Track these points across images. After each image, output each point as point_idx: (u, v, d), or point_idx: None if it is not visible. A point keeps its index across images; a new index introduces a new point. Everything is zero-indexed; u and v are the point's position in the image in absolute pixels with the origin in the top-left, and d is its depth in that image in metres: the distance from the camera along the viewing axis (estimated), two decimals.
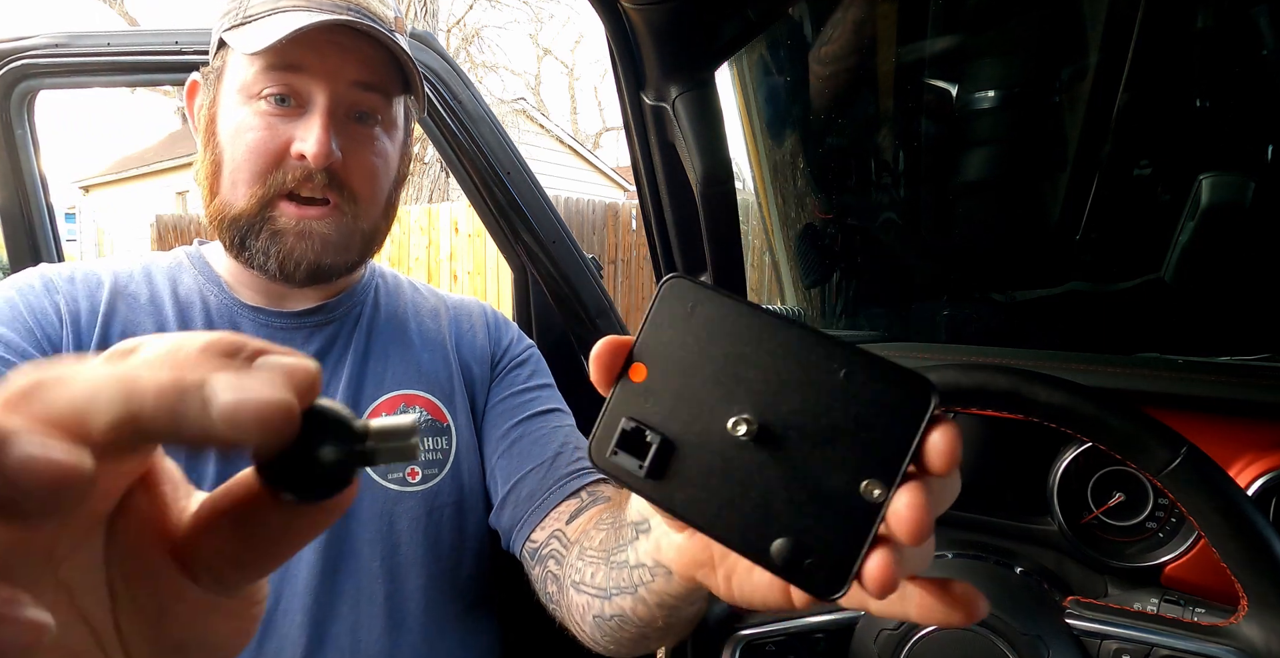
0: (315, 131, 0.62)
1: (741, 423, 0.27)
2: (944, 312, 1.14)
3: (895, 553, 0.26)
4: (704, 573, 0.38)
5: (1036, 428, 0.55)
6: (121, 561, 0.21)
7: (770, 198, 1.22)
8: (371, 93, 0.65)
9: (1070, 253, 1.02)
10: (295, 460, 0.19)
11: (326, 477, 0.20)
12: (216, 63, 0.67)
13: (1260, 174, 0.88)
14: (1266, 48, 0.82)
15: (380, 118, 0.67)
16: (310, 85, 0.63)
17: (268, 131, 0.63)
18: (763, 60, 1.08)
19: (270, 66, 0.62)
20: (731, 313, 0.28)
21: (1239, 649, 0.49)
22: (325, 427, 0.19)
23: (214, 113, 0.66)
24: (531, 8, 12.66)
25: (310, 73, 0.62)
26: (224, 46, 0.66)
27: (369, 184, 0.67)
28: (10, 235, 1.08)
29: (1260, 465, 0.60)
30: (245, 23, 0.63)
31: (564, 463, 0.70)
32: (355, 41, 0.63)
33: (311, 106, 0.63)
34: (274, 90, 0.63)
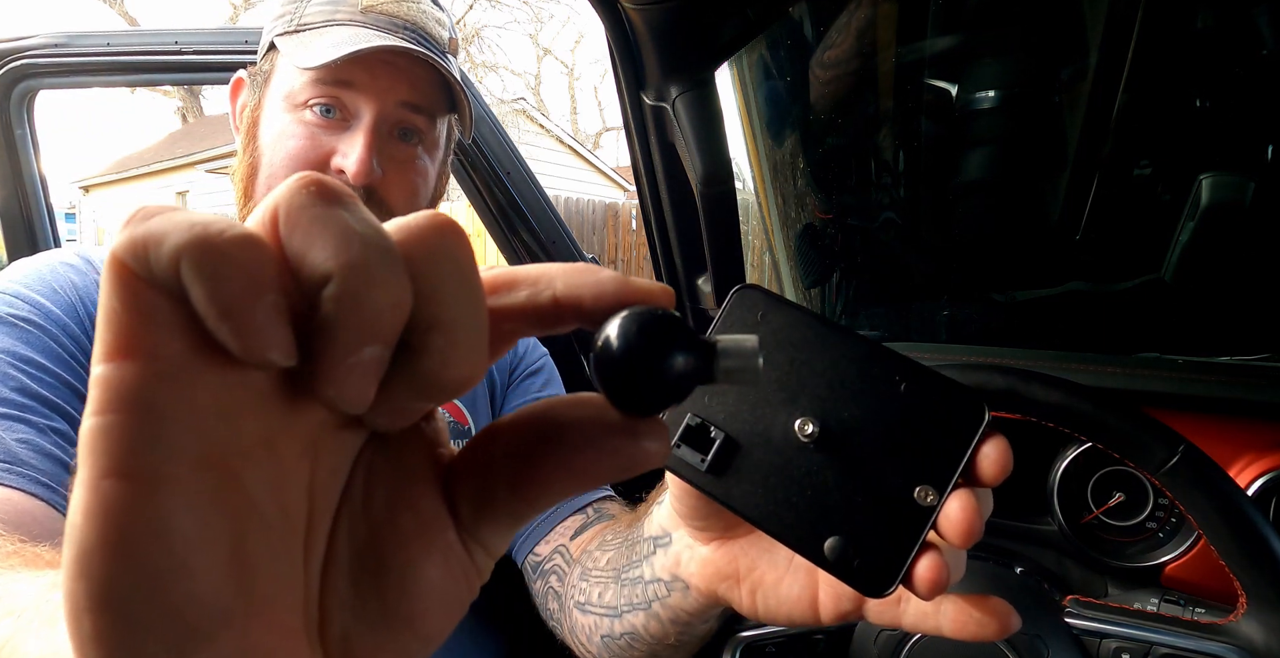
0: (358, 149, 0.61)
1: (808, 424, 0.29)
2: (944, 312, 1.14)
3: (943, 557, 0.27)
4: (727, 586, 0.38)
5: (1036, 428, 0.55)
6: (379, 471, 0.19)
7: (770, 198, 1.22)
8: (418, 114, 0.65)
9: (1070, 253, 1.02)
10: (642, 367, 0.17)
11: (671, 387, 0.18)
12: (265, 65, 0.66)
13: (1260, 174, 0.88)
14: (1266, 48, 0.82)
15: (423, 137, 0.66)
16: (358, 101, 0.62)
17: (309, 141, 0.62)
18: (763, 60, 1.08)
19: (320, 79, 0.62)
20: (799, 322, 0.30)
21: (1238, 648, 0.49)
22: (674, 334, 0.18)
23: (257, 115, 0.66)
24: (531, 8, 12.67)
25: (360, 89, 0.62)
26: (274, 49, 0.65)
27: (407, 204, 0.66)
28: (10, 235, 1.09)
29: (1260, 465, 0.60)
30: (299, 30, 0.63)
31: None
32: (409, 63, 0.63)
33: (357, 122, 0.63)
34: (321, 102, 0.62)
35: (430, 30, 0.65)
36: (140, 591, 0.14)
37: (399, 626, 0.18)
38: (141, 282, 0.14)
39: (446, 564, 0.19)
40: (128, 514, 0.14)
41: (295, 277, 0.15)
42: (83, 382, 0.55)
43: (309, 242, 0.15)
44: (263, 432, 0.16)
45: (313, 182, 0.16)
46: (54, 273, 0.60)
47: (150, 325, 0.14)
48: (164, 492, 0.14)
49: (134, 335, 0.14)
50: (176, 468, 0.14)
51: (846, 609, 0.35)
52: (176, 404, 0.14)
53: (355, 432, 0.19)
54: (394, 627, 0.18)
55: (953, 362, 0.60)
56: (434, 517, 0.19)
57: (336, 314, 0.15)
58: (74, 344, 0.56)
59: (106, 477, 0.14)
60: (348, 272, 0.15)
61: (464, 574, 0.19)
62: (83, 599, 0.14)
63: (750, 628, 0.62)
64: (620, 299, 0.19)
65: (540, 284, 0.19)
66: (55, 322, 0.56)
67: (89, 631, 0.14)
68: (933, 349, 0.83)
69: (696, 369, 0.18)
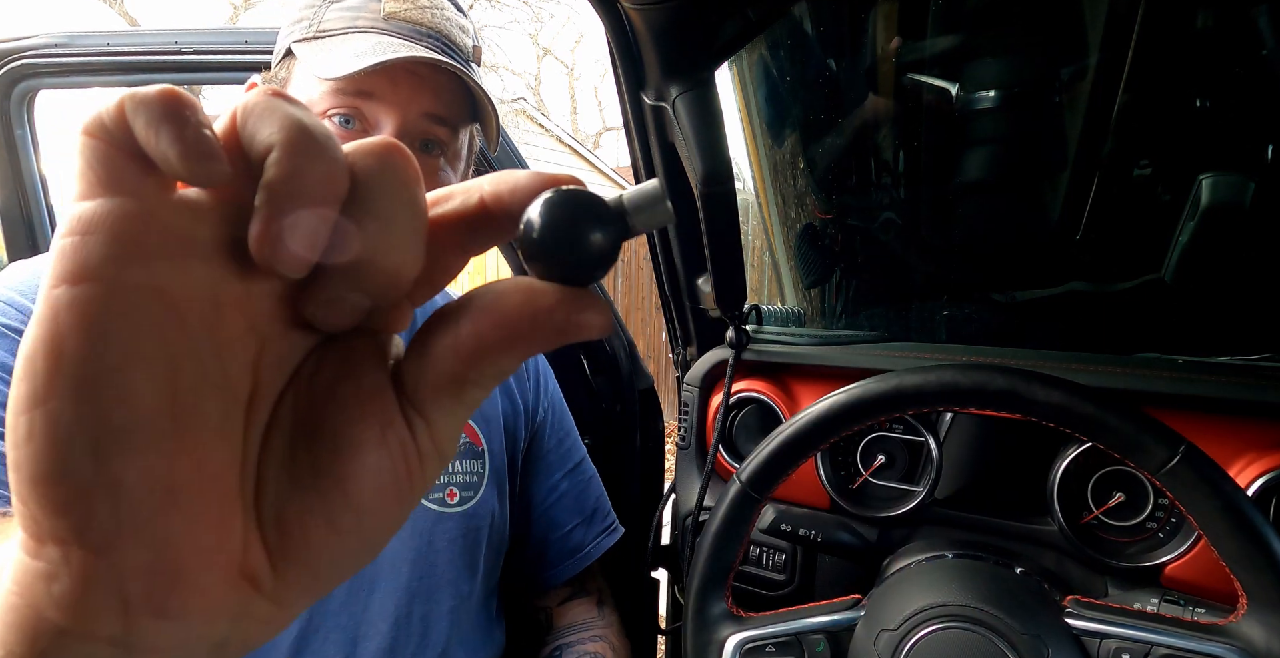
0: None
1: None
2: (944, 312, 1.14)
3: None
4: None
5: (1036, 428, 0.55)
6: (328, 359, 0.20)
7: (770, 198, 1.22)
8: (441, 126, 0.63)
9: (1070, 253, 1.02)
10: (569, 247, 0.19)
11: (595, 254, 0.19)
12: (281, 72, 0.64)
13: (1260, 174, 0.88)
14: (1266, 48, 0.82)
15: (445, 149, 0.65)
16: (379, 113, 0.61)
17: None
18: (763, 60, 1.07)
19: (340, 89, 0.60)
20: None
21: (1238, 648, 0.49)
22: (587, 205, 0.19)
23: None
24: (531, 8, 12.66)
25: (381, 100, 0.60)
26: (290, 56, 0.63)
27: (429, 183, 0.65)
28: (10, 235, 1.09)
29: (1260, 466, 0.60)
30: (318, 37, 0.61)
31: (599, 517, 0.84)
32: (432, 73, 0.61)
33: (378, 133, 0.61)
34: (341, 112, 0.60)
35: (455, 38, 0.64)
36: (74, 389, 0.16)
37: (329, 487, 0.19)
38: (97, 139, 0.16)
39: (383, 434, 0.19)
40: (69, 313, 0.16)
41: (247, 161, 0.17)
42: None
43: (260, 124, 0.17)
44: (209, 285, 0.18)
45: (272, 89, 0.18)
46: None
47: (110, 170, 0.16)
48: (108, 301, 0.16)
49: (97, 180, 0.16)
50: (123, 282, 0.16)
51: None
52: (129, 232, 0.16)
53: (304, 332, 0.20)
54: (323, 489, 0.19)
55: (952, 362, 0.60)
56: (374, 388, 0.20)
57: (274, 177, 0.17)
58: None
59: (57, 285, 0.16)
60: (288, 140, 0.17)
61: (402, 450, 0.20)
62: (22, 401, 0.16)
63: (750, 627, 0.62)
64: (535, 188, 0.20)
65: (470, 191, 0.21)
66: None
67: (23, 430, 0.16)
68: (933, 349, 0.83)
69: (614, 231, 0.20)
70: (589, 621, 0.79)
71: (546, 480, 0.81)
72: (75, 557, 0.16)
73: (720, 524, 0.64)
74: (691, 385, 0.90)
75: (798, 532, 0.75)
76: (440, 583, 0.68)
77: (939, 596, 0.57)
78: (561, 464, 0.83)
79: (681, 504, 0.90)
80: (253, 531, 0.19)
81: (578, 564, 0.81)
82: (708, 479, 0.85)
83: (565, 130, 10.86)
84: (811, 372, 0.84)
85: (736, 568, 0.65)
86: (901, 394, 0.58)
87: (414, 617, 0.65)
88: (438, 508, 0.69)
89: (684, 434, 0.91)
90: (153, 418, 0.16)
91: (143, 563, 0.17)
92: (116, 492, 0.16)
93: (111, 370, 0.16)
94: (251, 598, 0.19)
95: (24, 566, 0.17)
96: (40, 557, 0.17)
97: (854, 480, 0.79)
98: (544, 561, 0.80)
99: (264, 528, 0.19)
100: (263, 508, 0.19)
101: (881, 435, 0.78)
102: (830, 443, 0.62)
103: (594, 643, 0.76)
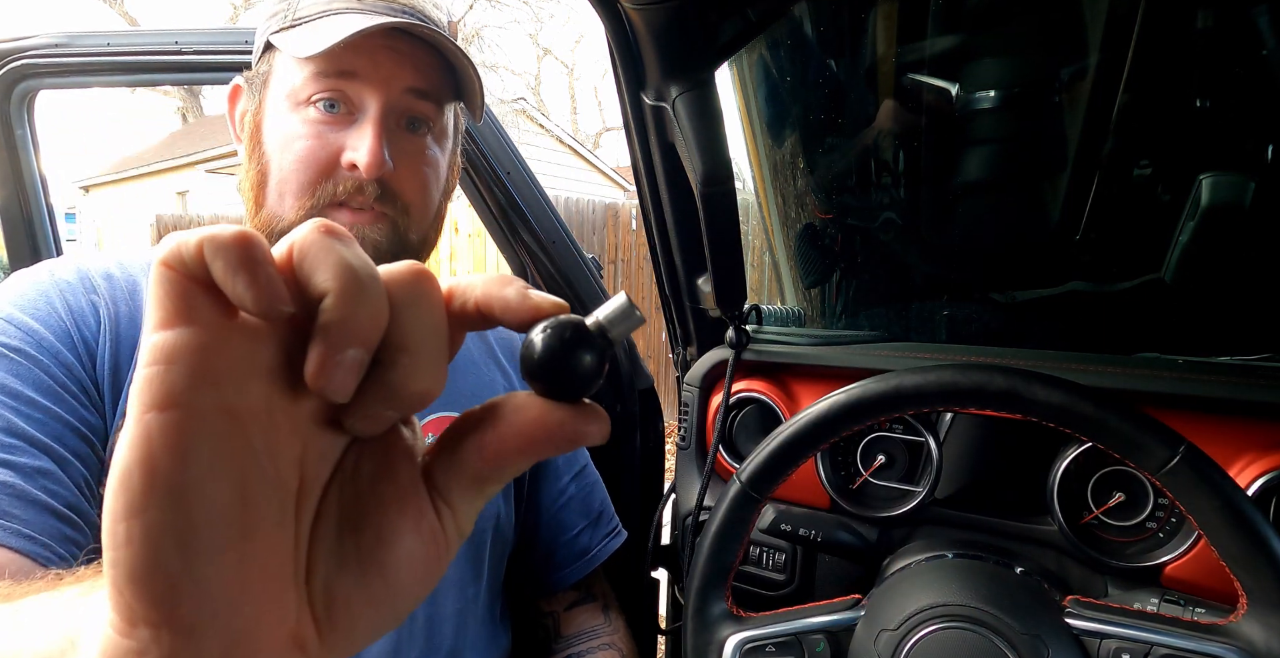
0: (368, 141, 0.59)
1: None
2: (944, 312, 1.14)
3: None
4: None
5: (1036, 428, 0.55)
6: (366, 457, 0.24)
7: (770, 198, 1.22)
8: (425, 101, 0.63)
9: (1070, 253, 1.02)
10: (567, 373, 0.23)
11: (586, 375, 0.24)
12: (262, 67, 0.64)
13: (1260, 174, 0.88)
14: (1266, 48, 0.82)
15: (432, 126, 0.65)
16: (363, 92, 0.60)
17: (317, 141, 0.60)
18: (763, 60, 1.08)
19: (321, 73, 0.60)
20: None
21: (1238, 648, 0.49)
22: (576, 336, 0.23)
23: (259, 120, 0.63)
24: (531, 8, 12.66)
25: (363, 79, 0.60)
26: (270, 50, 0.63)
27: (420, 195, 0.64)
28: (10, 235, 1.08)
29: (1260, 466, 0.60)
30: (295, 25, 0.61)
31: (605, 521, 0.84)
32: (410, 46, 0.61)
33: (363, 114, 0.61)
34: (324, 96, 0.60)
35: (429, 13, 0.64)
36: (166, 501, 0.19)
37: (371, 570, 0.23)
38: (176, 272, 0.19)
39: (418, 524, 0.23)
40: (160, 437, 0.19)
41: (302, 295, 0.21)
42: (73, 413, 0.52)
43: (315, 266, 0.20)
44: (265, 401, 0.21)
45: (324, 225, 0.21)
46: (48, 292, 0.57)
47: (187, 302, 0.19)
48: (190, 424, 0.19)
49: (175, 311, 0.19)
50: (201, 407, 0.19)
51: None
52: (205, 361, 0.19)
53: (340, 434, 0.23)
54: (368, 573, 0.23)
55: (952, 362, 0.60)
56: (410, 485, 0.24)
57: (330, 320, 0.20)
58: (65, 373, 0.53)
59: (147, 411, 0.19)
60: (342, 289, 0.20)
61: (433, 536, 0.24)
62: (120, 510, 0.19)
63: (750, 627, 0.62)
64: (521, 307, 0.24)
65: (467, 295, 0.24)
66: (48, 349, 0.54)
67: (123, 535, 0.19)
68: (933, 349, 0.83)
69: (598, 353, 0.24)
70: (596, 627, 0.79)
71: (555, 484, 0.81)
72: (165, 638, 0.20)
73: (720, 524, 0.64)
74: (691, 385, 0.90)
75: (798, 532, 0.75)
76: (445, 586, 0.67)
77: (939, 596, 0.57)
78: (569, 467, 0.83)
79: (681, 504, 0.90)
80: (304, 607, 0.22)
81: (585, 567, 0.80)
82: (708, 479, 0.85)
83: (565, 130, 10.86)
84: (811, 372, 0.84)
85: (736, 568, 0.65)
86: (901, 394, 0.58)
87: (418, 620, 0.65)
88: None
89: (684, 434, 0.91)
90: (228, 520, 0.20)
91: (221, 644, 0.20)
92: (201, 584, 0.19)
93: (196, 483, 0.19)
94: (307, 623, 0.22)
95: (116, 643, 0.20)
96: (132, 637, 0.20)
97: (854, 480, 0.79)
98: (552, 563, 0.80)
99: (314, 605, 0.23)
100: (313, 588, 0.23)
101: (881, 435, 0.78)
102: (830, 443, 0.62)
103: (604, 652, 0.76)
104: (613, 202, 5.95)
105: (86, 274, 0.60)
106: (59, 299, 0.57)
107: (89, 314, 0.57)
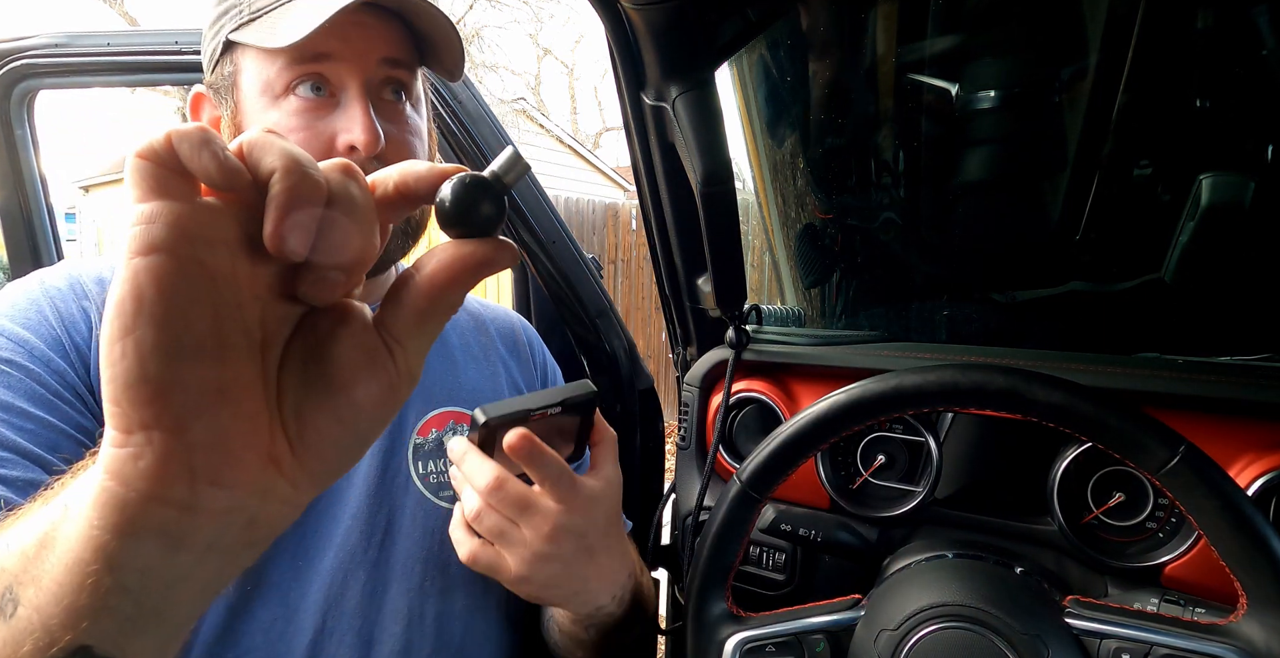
0: (359, 119, 0.59)
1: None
2: (944, 312, 1.14)
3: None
4: None
5: (1036, 428, 0.55)
6: (321, 315, 0.29)
7: (770, 198, 1.22)
8: (399, 69, 0.63)
9: (1070, 253, 1.02)
10: (468, 214, 0.29)
11: (491, 219, 0.29)
12: (227, 68, 0.63)
13: (1260, 174, 0.88)
14: (1266, 48, 0.82)
15: (409, 92, 0.65)
16: (340, 71, 0.60)
17: (309, 131, 0.60)
18: (763, 60, 1.08)
19: (295, 60, 0.59)
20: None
21: (1238, 648, 0.49)
22: (474, 185, 0.29)
23: (239, 122, 0.62)
24: (531, 8, 12.65)
25: (338, 58, 0.60)
26: (231, 49, 0.62)
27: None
28: (10, 235, 1.09)
29: (1260, 466, 0.60)
30: (254, 18, 0.60)
31: None
32: (376, 18, 0.61)
33: (345, 94, 0.60)
34: (306, 80, 0.60)
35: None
36: (152, 321, 0.24)
37: (335, 391, 0.28)
38: (148, 160, 0.24)
39: (372, 359, 0.29)
40: (145, 273, 0.24)
41: (255, 177, 0.26)
42: (68, 420, 0.52)
43: (263, 153, 0.26)
44: (231, 264, 0.26)
45: (266, 128, 0.27)
46: (38, 300, 0.57)
47: (161, 181, 0.24)
48: (170, 264, 0.24)
49: (153, 187, 0.24)
50: (179, 253, 0.24)
51: None
52: (180, 221, 0.24)
53: (296, 304, 0.29)
54: (331, 393, 0.28)
55: (952, 362, 0.60)
56: (363, 329, 0.29)
57: (279, 190, 0.25)
58: (58, 380, 0.53)
59: (134, 257, 0.24)
60: (286, 166, 0.25)
61: (385, 368, 0.29)
62: (114, 332, 0.24)
63: (751, 627, 0.62)
64: (429, 174, 0.29)
65: (388, 180, 0.30)
66: (39, 357, 0.54)
67: (118, 352, 0.24)
68: (933, 349, 0.83)
69: (495, 197, 0.29)
70: None
71: None
72: (156, 438, 0.24)
73: (720, 524, 0.64)
74: (691, 385, 0.90)
75: (798, 532, 0.75)
76: (454, 583, 0.67)
77: (939, 596, 0.57)
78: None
79: (681, 504, 0.90)
80: (277, 425, 0.28)
81: None
82: (708, 479, 0.84)
83: (565, 130, 10.86)
84: (811, 372, 0.84)
85: (736, 568, 0.65)
86: (901, 394, 0.58)
87: (427, 617, 0.65)
88: (449, 506, 0.68)
89: (684, 434, 0.91)
90: (204, 341, 0.25)
91: (204, 441, 0.25)
92: (184, 388, 0.24)
93: (177, 309, 0.24)
94: (276, 478, 0.28)
95: (114, 455, 0.25)
96: (129, 444, 0.25)
97: (854, 481, 0.79)
98: None
99: (286, 425, 0.28)
100: (284, 408, 0.28)
101: (881, 435, 0.78)
102: (830, 443, 0.62)
103: None
104: (613, 202, 5.95)
105: (78, 280, 0.60)
106: (49, 307, 0.57)
107: (80, 320, 0.57)
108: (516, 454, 0.55)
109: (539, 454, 0.56)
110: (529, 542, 0.57)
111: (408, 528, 0.66)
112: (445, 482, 0.69)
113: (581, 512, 0.58)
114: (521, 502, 0.57)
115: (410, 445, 0.69)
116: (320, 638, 0.59)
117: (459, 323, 0.80)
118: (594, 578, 0.62)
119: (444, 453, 0.70)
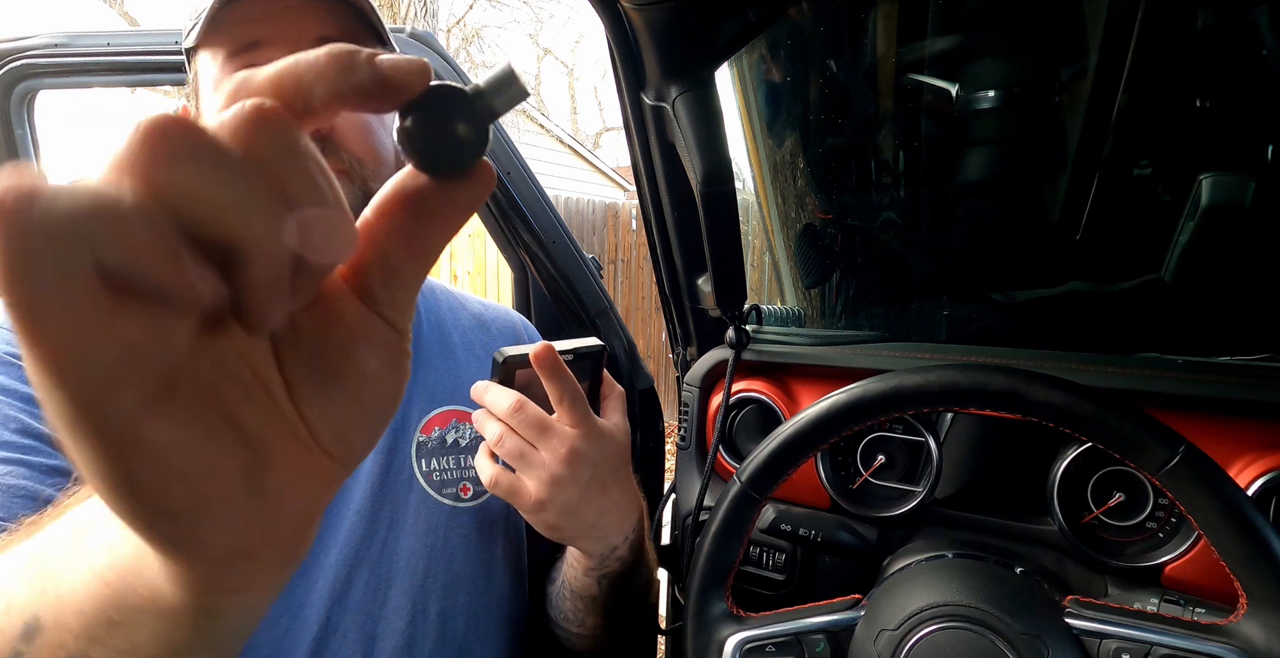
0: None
1: None
2: (944, 312, 1.14)
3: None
4: None
5: (1036, 428, 0.55)
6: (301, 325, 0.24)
7: (770, 198, 1.22)
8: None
9: (1070, 253, 1.02)
10: (439, 141, 0.21)
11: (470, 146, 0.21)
12: (189, 76, 0.65)
13: (1260, 174, 0.88)
14: (1266, 48, 0.82)
15: None
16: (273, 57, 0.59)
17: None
18: (763, 60, 1.08)
19: (231, 53, 0.59)
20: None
21: (1238, 648, 0.49)
22: (450, 105, 0.21)
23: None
24: (531, 8, 12.66)
25: (269, 44, 0.59)
26: (192, 57, 0.64)
27: (366, 141, 0.62)
28: None
29: (1260, 466, 0.60)
30: (198, 23, 0.61)
31: None
32: (303, 1, 0.60)
33: None
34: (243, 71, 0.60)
35: None
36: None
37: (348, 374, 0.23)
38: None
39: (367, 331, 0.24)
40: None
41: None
42: None
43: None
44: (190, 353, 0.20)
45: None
46: None
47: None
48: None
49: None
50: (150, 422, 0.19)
51: None
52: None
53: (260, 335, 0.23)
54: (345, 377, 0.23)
55: (952, 362, 0.60)
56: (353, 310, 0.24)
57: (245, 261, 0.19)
58: None
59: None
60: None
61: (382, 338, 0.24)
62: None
63: (751, 627, 0.62)
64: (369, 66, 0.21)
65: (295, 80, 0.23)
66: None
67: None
68: (933, 349, 0.83)
69: (472, 121, 0.21)
70: None
71: None
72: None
73: (720, 524, 0.64)
74: (691, 385, 0.90)
75: (798, 532, 0.75)
76: (457, 579, 0.67)
77: (939, 596, 0.57)
78: None
79: (681, 504, 0.90)
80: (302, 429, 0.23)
81: None
82: (708, 479, 0.85)
83: (565, 130, 10.85)
84: (811, 372, 0.84)
85: (736, 568, 0.65)
86: (901, 394, 0.58)
87: (430, 614, 0.65)
88: (451, 503, 0.69)
89: (684, 434, 0.91)
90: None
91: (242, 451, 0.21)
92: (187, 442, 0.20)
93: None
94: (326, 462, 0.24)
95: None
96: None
97: (854, 481, 0.79)
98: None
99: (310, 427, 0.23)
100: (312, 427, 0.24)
101: (881, 435, 0.78)
102: (830, 443, 0.62)
103: None
104: (613, 202, 5.95)
105: None
106: None
107: None
108: (539, 362, 0.57)
109: (559, 368, 0.58)
110: (547, 464, 0.59)
111: (411, 525, 0.66)
112: (448, 479, 0.70)
113: (595, 441, 0.60)
114: (540, 424, 0.59)
115: (413, 443, 0.69)
116: (325, 635, 0.60)
117: (461, 322, 0.81)
118: (609, 510, 0.63)
119: (447, 451, 0.71)
